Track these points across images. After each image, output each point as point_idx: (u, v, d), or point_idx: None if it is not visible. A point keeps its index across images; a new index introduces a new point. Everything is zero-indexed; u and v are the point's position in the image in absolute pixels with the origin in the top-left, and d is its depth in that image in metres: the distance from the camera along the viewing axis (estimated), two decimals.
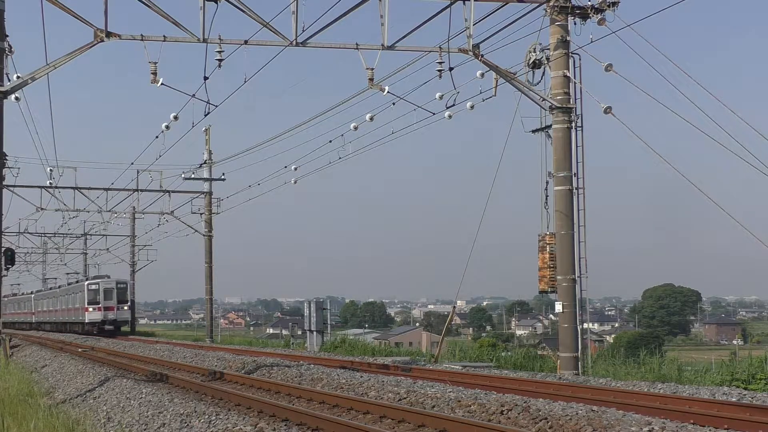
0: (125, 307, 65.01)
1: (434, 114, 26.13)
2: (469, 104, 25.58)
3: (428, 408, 14.72)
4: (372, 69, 23.76)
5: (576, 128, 24.30)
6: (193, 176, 50.62)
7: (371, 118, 27.78)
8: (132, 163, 53.08)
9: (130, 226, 68.72)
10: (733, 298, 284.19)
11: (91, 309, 64.10)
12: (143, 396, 17.67)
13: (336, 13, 22.41)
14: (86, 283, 65.81)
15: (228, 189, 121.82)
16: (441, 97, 25.26)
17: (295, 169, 37.93)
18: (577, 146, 24.32)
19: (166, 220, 54.66)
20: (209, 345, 45.26)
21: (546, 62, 24.22)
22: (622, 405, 14.58)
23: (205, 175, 51.70)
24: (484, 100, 25.24)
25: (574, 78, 24.18)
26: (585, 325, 25.41)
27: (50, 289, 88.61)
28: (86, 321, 64.45)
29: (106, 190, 49.94)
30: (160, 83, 22.46)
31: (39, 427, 13.19)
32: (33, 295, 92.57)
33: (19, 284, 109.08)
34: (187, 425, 13.64)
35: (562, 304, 24.04)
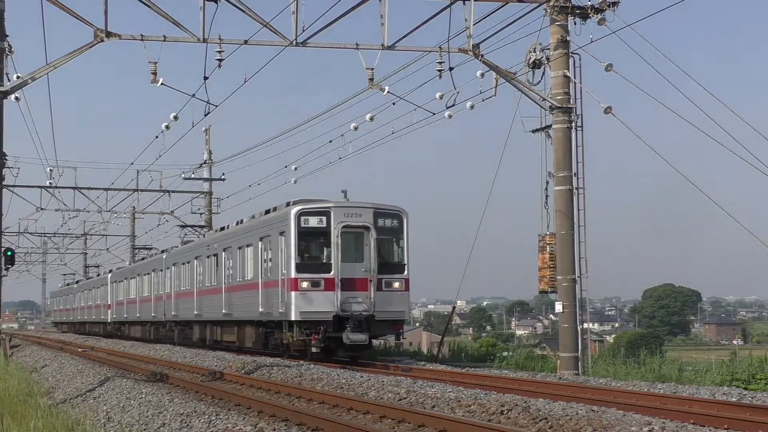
0: (395, 284, 26.28)
1: (434, 114, 26.18)
2: (469, 104, 25.61)
3: (428, 408, 14.72)
4: (372, 69, 23.83)
5: (576, 128, 24.32)
6: (193, 176, 50.65)
7: (371, 118, 27.81)
8: (132, 163, 53.18)
9: (130, 226, 68.69)
10: (733, 298, 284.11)
11: (306, 284, 25.60)
12: (143, 396, 17.67)
13: (336, 13, 22.46)
14: (294, 211, 25.95)
15: (228, 189, 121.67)
16: (441, 97, 25.30)
17: (295, 169, 37.89)
18: (577, 146, 24.35)
19: (166, 220, 54.55)
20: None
21: (546, 62, 24.23)
22: (622, 405, 14.57)
23: (205, 175, 51.68)
24: (484, 100, 25.29)
25: (574, 78, 24.19)
26: (585, 325, 25.43)
27: (142, 259, 53.45)
28: (294, 317, 25.54)
29: (106, 190, 49.94)
30: (160, 83, 22.53)
31: (39, 427, 13.19)
32: (110, 275, 58.99)
33: (97, 266, 77.42)
34: (187, 425, 13.64)
35: (562, 304, 24.05)
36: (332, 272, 25.41)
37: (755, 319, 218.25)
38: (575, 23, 23.75)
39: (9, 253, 25.66)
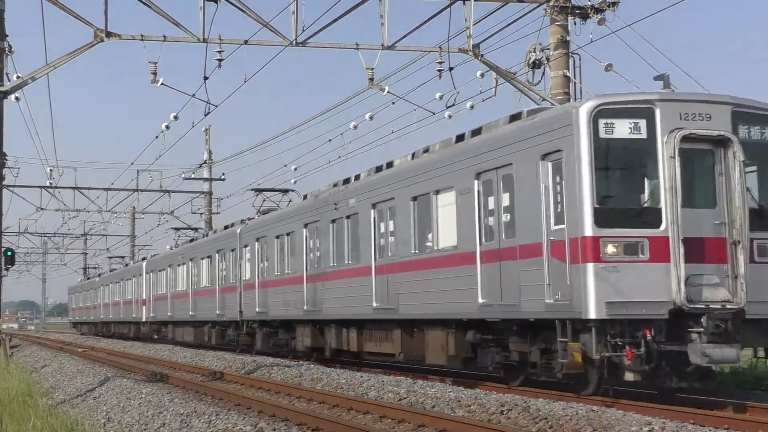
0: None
1: (434, 114, 26.18)
2: (469, 104, 25.61)
3: (428, 408, 14.72)
4: (372, 69, 23.83)
5: None
6: (193, 176, 50.73)
7: (371, 118, 27.86)
8: (132, 163, 53.36)
9: (130, 226, 68.75)
10: None
11: (613, 248, 13.43)
12: (143, 396, 17.67)
13: (336, 13, 22.52)
14: (586, 109, 13.73)
15: (228, 189, 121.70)
16: (441, 97, 25.29)
17: (295, 169, 37.98)
18: None
19: (166, 220, 54.66)
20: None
21: (546, 62, 24.22)
22: (622, 405, 14.56)
23: (205, 175, 51.73)
24: (484, 100, 25.27)
25: (574, 78, 24.19)
26: None
27: (191, 241, 41.30)
28: (594, 312, 13.49)
29: (106, 190, 50.03)
30: (160, 83, 22.55)
31: (38, 427, 13.17)
32: (145, 263, 48.66)
33: (122, 256, 67.74)
34: (187, 425, 13.64)
35: None
36: (663, 225, 13.75)
37: None
38: (575, 23, 23.73)
39: (9, 253, 25.66)
